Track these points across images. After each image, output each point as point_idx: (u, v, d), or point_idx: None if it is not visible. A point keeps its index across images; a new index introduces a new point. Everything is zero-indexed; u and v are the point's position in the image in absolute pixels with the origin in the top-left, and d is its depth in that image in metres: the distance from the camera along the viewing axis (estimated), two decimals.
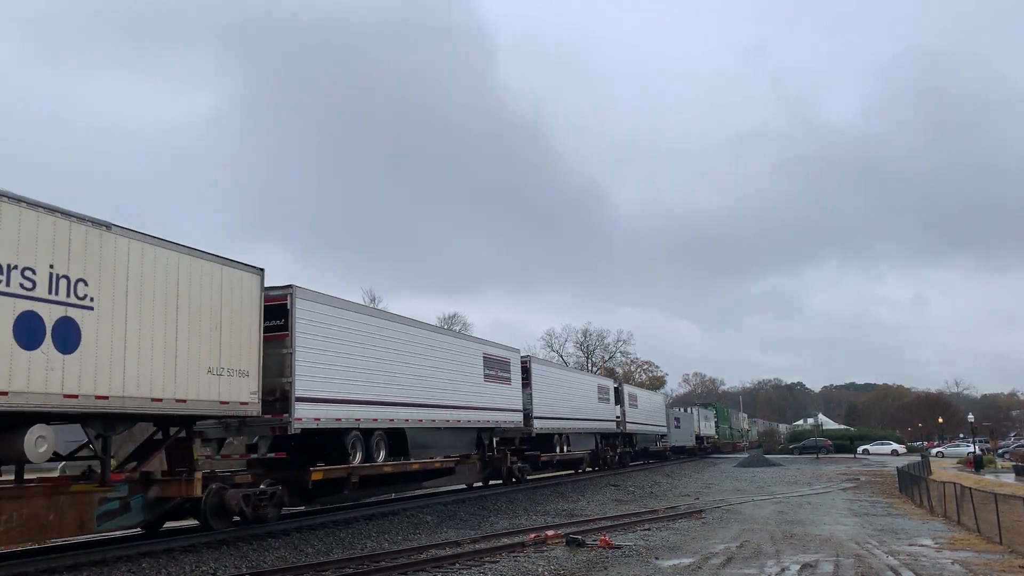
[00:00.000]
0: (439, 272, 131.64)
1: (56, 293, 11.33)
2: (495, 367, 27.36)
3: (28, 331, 10.83)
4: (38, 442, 11.26)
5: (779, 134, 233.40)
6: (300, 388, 16.49)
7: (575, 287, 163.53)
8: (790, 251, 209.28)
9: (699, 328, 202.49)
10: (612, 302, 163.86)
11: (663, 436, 55.55)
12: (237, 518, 16.00)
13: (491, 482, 29.06)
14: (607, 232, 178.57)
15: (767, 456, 64.38)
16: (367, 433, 19.36)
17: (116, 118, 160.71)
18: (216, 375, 14.35)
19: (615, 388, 43.83)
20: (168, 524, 16.32)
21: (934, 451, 75.64)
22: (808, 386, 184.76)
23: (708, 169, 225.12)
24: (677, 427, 59.83)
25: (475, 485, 28.14)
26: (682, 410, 70.73)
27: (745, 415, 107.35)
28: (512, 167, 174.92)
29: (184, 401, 13.56)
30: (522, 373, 29.41)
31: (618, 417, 42.70)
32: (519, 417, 29.20)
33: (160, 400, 12.99)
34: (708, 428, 73.61)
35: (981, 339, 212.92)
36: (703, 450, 71.73)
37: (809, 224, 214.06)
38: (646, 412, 49.86)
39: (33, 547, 14.62)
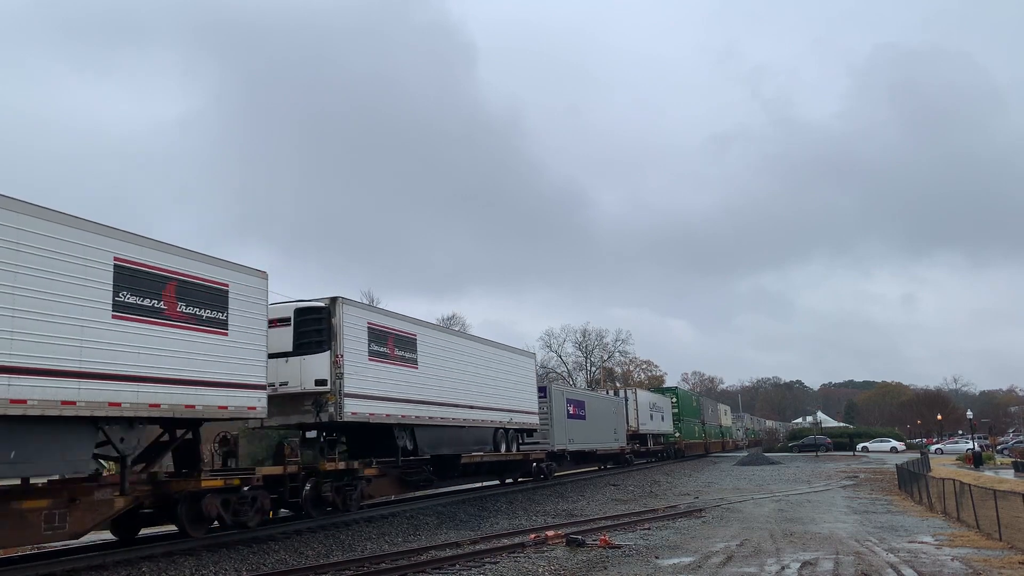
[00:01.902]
0: (424, 273, 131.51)
1: None
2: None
3: None
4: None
5: (760, 133, 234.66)
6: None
7: (563, 288, 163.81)
8: (777, 250, 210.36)
9: (691, 327, 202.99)
10: (602, 302, 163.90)
11: (531, 432, 30.49)
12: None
13: None
14: (592, 233, 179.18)
15: (766, 454, 64.38)
16: None
17: (89, 121, 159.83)
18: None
19: (310, 308, 18.52)
20: (171, 527, 16.34)
21: (933, 448, 75.75)
22: (807, 384, 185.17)
23: (691, 169, 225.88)
24: (577, 418, 35.74)
25: None
26: (608, 393, 47.78)
27: (727, 407, 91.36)
28: (494, 168, 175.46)
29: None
30: None
31: (321, 384, 18.03)
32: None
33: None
34: (659, 423, 52.15)
35: (972, 336, 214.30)
36: (649, 455, 51.91)
37: (794, 222, 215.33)
38: (464, 381, 24.10)
39: (32, 552, 14.60)
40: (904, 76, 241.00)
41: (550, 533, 17.26)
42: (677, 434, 57.47)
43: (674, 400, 58.58)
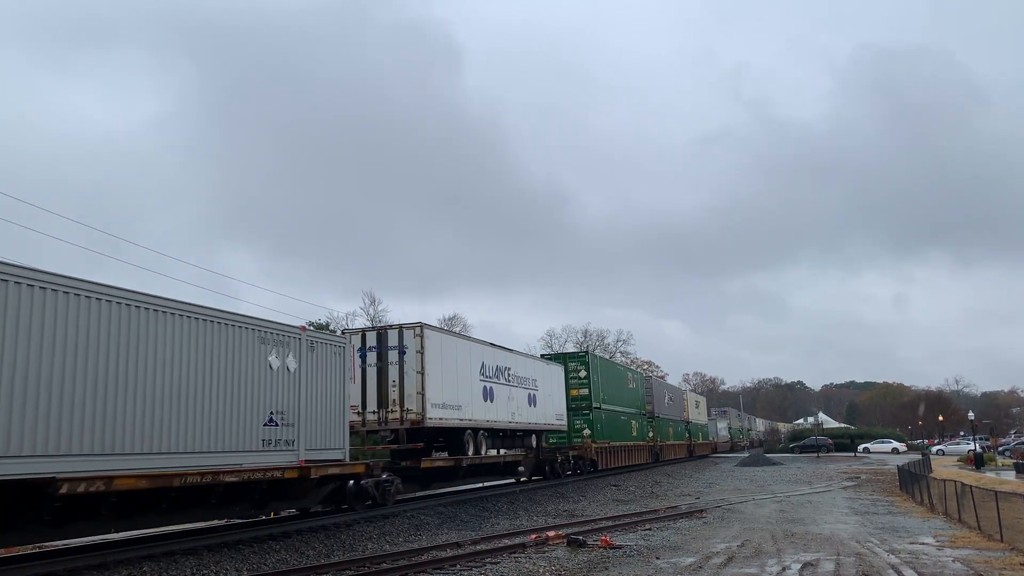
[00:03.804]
0: (413, 274, 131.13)
1: None
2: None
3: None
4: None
5: (745, 134, 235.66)
6: None
7: (557, 288, 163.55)
8: (767, 250, 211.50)
9: (686, 328, 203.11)
10: (595, 303, 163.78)
11: None
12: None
13: None
14: (580, 234, 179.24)
15: (767, 455, 64.36)
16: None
17: (63, 123, 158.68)
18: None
19: None
20: (171, 528, 16.37)
21: (935, 449, 75.69)
22: (808, 385, 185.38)
23: (678, 169, 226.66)
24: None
25: None
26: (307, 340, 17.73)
27: (701, 399, 74.72)
28: (479, 170, 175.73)
29: None
30: None
31: None
32: None
33: None
34: (524, 410, 29.00)
35: (969, 336, 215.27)
36: (473, 473, 26.25)
37: (783, 222, 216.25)
38: None
39: (33, 551, 14.62)
40: (886, 75, 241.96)
41: (551, 533, 17.26)
42: (586, 432, 34.85)
43: (581, 374, 35.14)
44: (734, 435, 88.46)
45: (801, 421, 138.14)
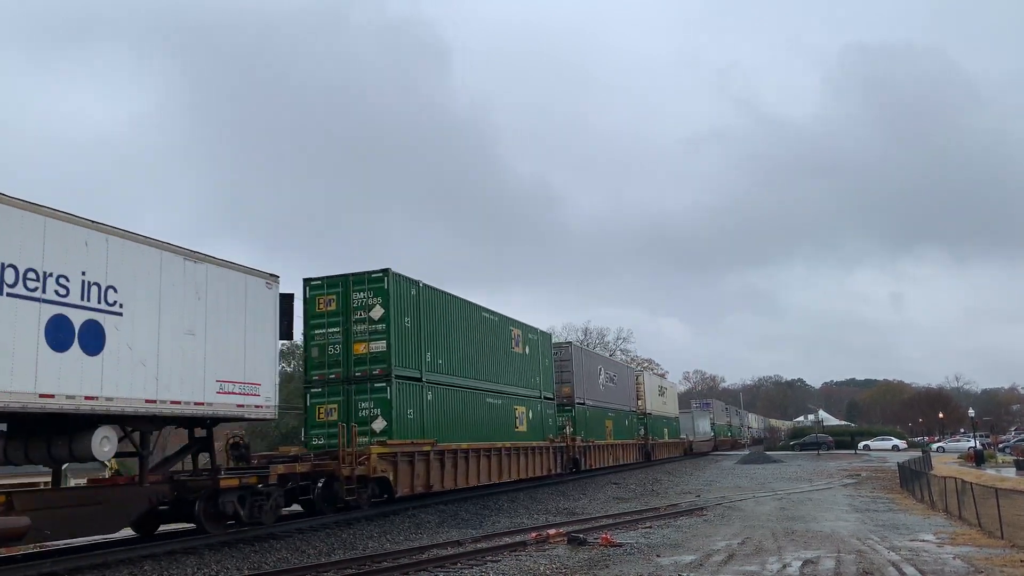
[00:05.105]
0: (407, 272, 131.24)
1: None
2: None
3: None
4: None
5: (740, 133, 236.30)
6: None
7: (550, 287, 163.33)
8: (764, 249, 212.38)
9: (684, 326, 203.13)
10: (592, 302, 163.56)
11: None
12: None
13: None
14: (578, 233, 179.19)
15: (768, 453, 64.36)
16: None
17: (66, 123, 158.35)
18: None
19: None
20: (169, 527, 16.38)
21: (935, 446, 75.70)
22: (808, 382, 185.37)
23: (673, 169, 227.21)
24: None
25: None
26: None
27: (668, 385, 62.54)
28: (474, 170, 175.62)
29: None
30: None
31: None
32: None
33: None
34: (51, 359, 11.26)
35: (967, 334, 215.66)
36: None
37: (780, 221, 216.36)
38: None
39: (35, 550, 14.63)
40: (883, 73, 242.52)
41: (551, 532, 17.27)
42: (378, 425, 20.32)
43: (374, 314, 20.84)
44: (720, 433, 76.31)
45: (801, 419, 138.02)
